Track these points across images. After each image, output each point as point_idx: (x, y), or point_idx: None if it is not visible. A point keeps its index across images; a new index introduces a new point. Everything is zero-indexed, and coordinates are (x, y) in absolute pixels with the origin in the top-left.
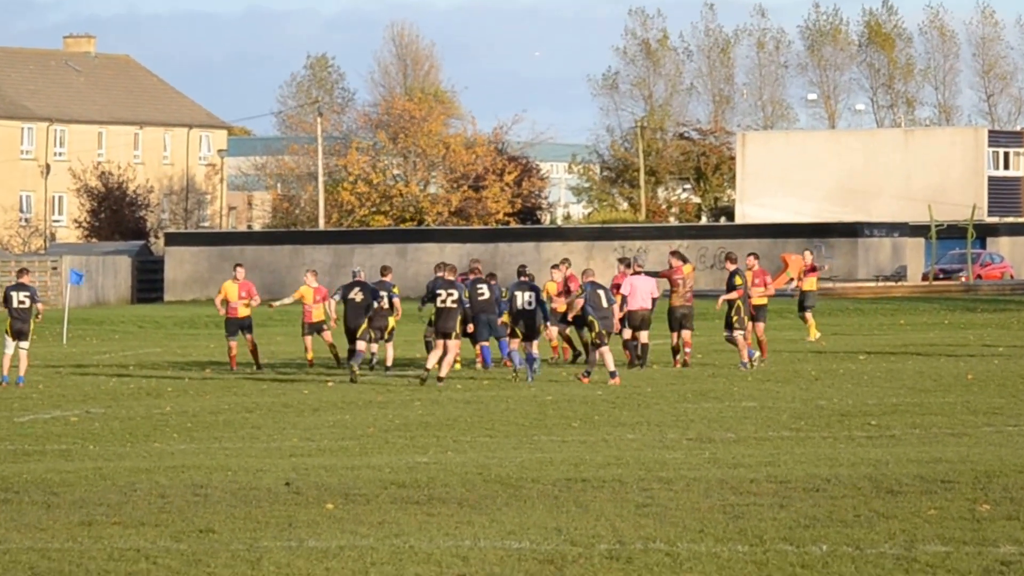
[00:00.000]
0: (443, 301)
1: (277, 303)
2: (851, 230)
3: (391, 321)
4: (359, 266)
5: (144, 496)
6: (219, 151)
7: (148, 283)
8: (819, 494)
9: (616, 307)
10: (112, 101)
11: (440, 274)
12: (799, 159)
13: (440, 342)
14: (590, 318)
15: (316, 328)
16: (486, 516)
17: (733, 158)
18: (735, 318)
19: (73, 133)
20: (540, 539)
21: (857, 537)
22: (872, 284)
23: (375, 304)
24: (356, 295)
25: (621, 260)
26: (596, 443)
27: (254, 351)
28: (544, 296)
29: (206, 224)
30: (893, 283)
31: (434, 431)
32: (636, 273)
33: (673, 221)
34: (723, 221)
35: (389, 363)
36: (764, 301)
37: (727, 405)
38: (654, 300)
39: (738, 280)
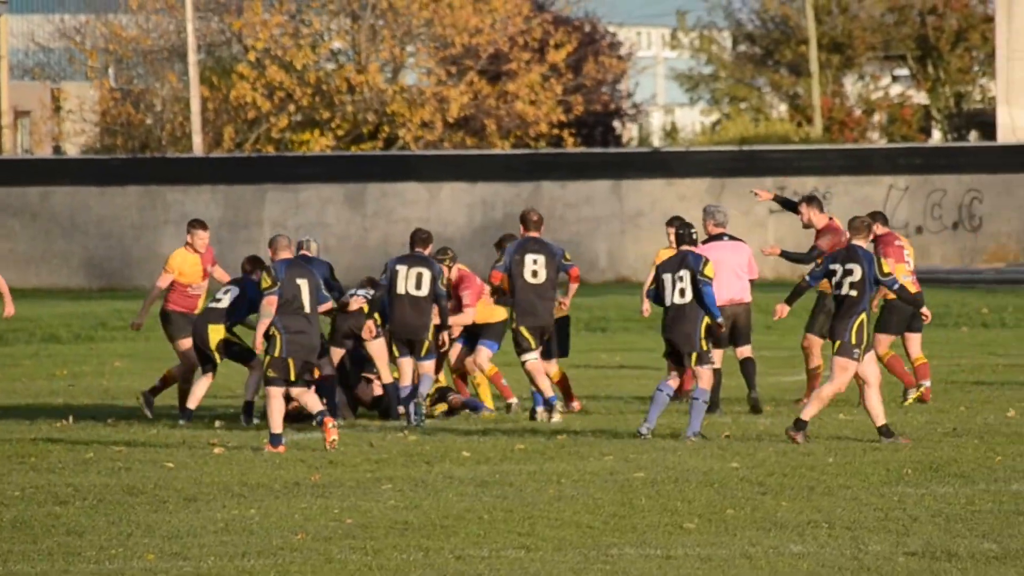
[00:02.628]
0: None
1: None
2: None
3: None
4: (309, 235)
5: None
6: None
7: None
8: None
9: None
10: None
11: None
12: None
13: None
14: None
15: None
16: None
17: (989, 20)
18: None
19: None
20: None
21: None
22: None
23: (345, 300)
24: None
25: (673, 224)
26: (731, 562)
27: None
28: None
29: None
30: None
31: (420, 538)
32: (714, 237)
33: (877, 139)
34: (973, 138)
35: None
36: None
37: (983, 489)
38: (752, 284)
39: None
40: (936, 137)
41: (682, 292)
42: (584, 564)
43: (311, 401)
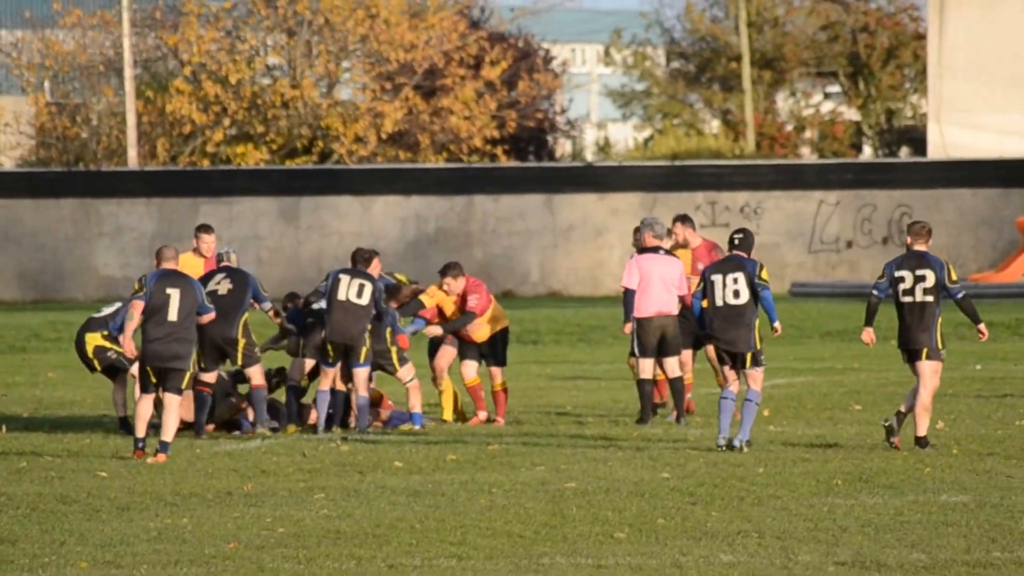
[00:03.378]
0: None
1: None
2: None
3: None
4: (228, 246)
5: None
6: None
7: None
8: None
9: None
10: None
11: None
12: None
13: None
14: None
15: None
16: None
17: (921, 37)
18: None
19: None
20: None
21: None
22: None
23: (269, 309)
24: (221, 284)
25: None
26: (661, 571)
27: None
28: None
29: None
30: None
31: (352, 547)
32: (649, 249)
33: (808, 155)
34: (903, 154)
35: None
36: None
37: (912, 500)
38: (682, 300)
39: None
40: (867, 153)
41: (736, 293)
42: (515, 573)
43: (170, 416)
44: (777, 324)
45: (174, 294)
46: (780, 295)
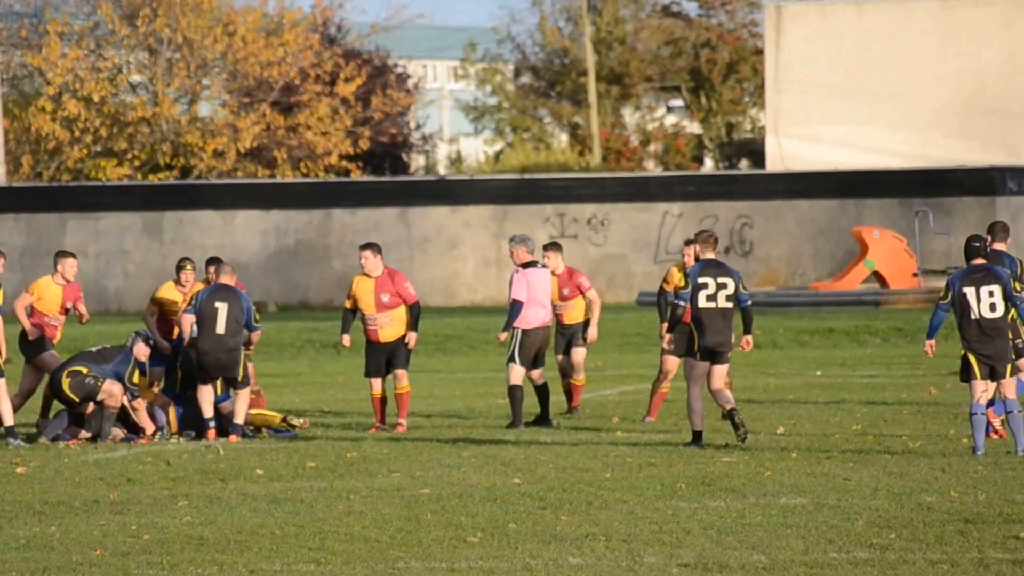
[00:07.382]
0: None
1: None
2: (984, 182)
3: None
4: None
5: None
6: None
7: None
8: None
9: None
10: None
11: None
12: (885, 52)
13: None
14: None
15: None
16: None
17: (759, 52)
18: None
19: None
20: None
21: None
22: None
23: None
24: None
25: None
26: (512, 574)
27: None
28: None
29: None
30: None
31: (215, 553)
32: (529, 264)
33: (653, 167)
34: (743, 167)
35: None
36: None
37: (753, 503)
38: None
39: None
40: (708, 165)
41: (992, 307)
42: None
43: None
44: None
45: (222, 308)
46: (627, 304)
